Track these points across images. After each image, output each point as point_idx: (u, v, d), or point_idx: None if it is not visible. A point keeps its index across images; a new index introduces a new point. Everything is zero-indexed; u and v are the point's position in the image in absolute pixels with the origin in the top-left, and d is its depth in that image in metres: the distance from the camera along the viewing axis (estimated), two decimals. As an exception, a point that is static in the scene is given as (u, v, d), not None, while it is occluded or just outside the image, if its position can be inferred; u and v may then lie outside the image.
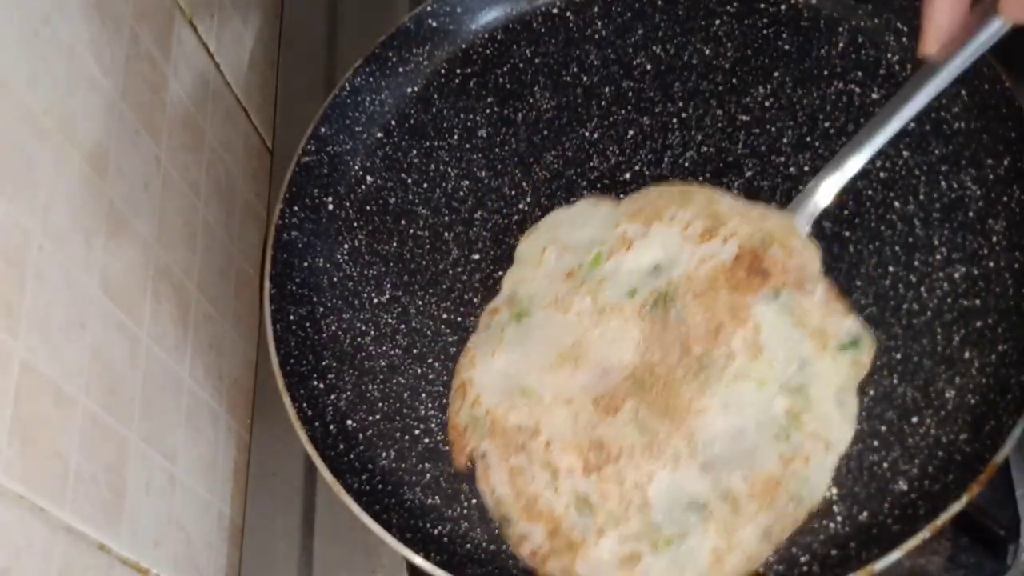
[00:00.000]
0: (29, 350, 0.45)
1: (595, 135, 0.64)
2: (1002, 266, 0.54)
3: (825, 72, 0.62)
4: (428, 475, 0.56)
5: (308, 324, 0.61)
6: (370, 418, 0.58)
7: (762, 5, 0.65)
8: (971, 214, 0.56)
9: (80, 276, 0.51)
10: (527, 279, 0.59)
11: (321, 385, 0.59)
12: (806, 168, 0.59)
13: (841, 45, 0.62)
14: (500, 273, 0.61)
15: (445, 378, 0.58)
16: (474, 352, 0.57)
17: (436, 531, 0.54)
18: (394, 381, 0.59)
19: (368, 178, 0.65)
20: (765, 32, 0.64)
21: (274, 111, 0.80)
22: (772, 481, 0.50)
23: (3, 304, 0.44)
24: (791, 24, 0.64)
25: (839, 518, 0.50)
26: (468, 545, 0.53)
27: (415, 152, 0.66)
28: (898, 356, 0.54)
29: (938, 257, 0.56)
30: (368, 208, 0.64)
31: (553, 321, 0.56)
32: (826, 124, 0.61)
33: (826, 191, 0.55)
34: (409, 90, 0.68)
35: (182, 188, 0.64)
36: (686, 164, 0.62)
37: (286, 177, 0.63)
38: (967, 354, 0.53)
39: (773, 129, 0.61)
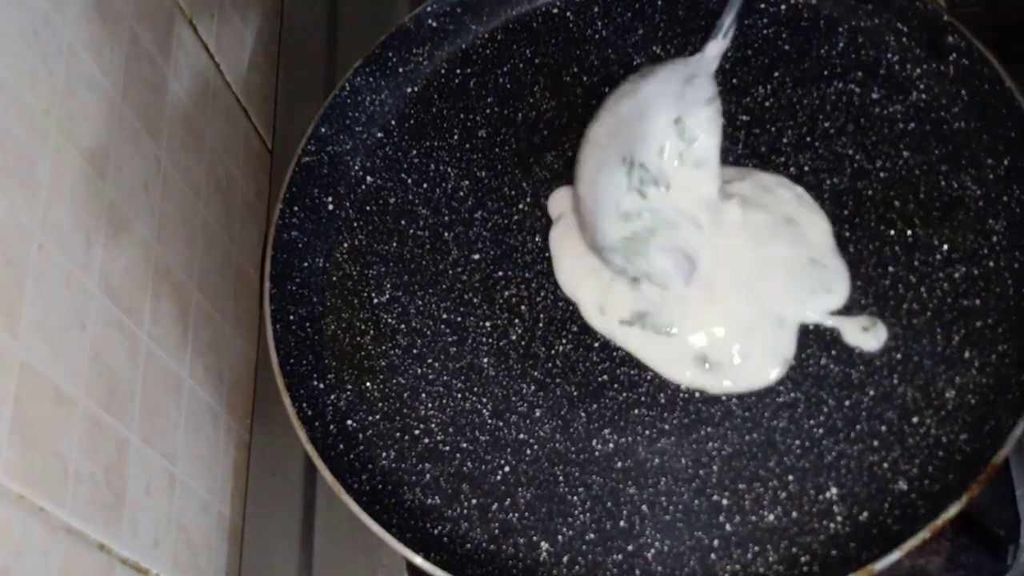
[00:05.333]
0: (29, 350, 0.45)
1: (595, 135, 0.64)
2: (1002, 266, 0.54)
3: (825, 72, 0.62)
4: (428, 475, 0.56)
5: (308, 324, 0.61)
6: (370, 418, 0.58)
7: (762, 5, 0.65)
8: (971, 214, 0.56)
9: (80, 276, 0.51)
10: None
11: (321, 385, 0.59)
12: (806, 168, 0.60)
13: (841, 45, 0.62)
14: (500, 273, 0.61)
15: (445, 378, 0.58)
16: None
17: (436, 531, 0.54)
18: (394, 381, 0.59)
19: (368, 178, 0.65)
20: (765, 32, 0.64)
21: (274, 111, 0.80)
22: None
23: (3, 304, 0.44)
24: (791, 24, 0.64)
25: (839, 518, 0.50)
26: (468, 545, 0.53)
27: (415, 152, 0.66)
28: (898, 356, 0.54)
29: (938, 257, 0.56)
30: (368, 208, 0.64)
31: None
32: (826, 124, 0.61)
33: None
34: (409, 90, 0.68)
35: (182, 188, 0.64)
36: (686, 164, 0.61)
37: (286, 177, 0.63)
38: (967, 354, 0.53)
39: (773, 129, 0.61)
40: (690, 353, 0.55)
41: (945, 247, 0.56)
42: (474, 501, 0.55)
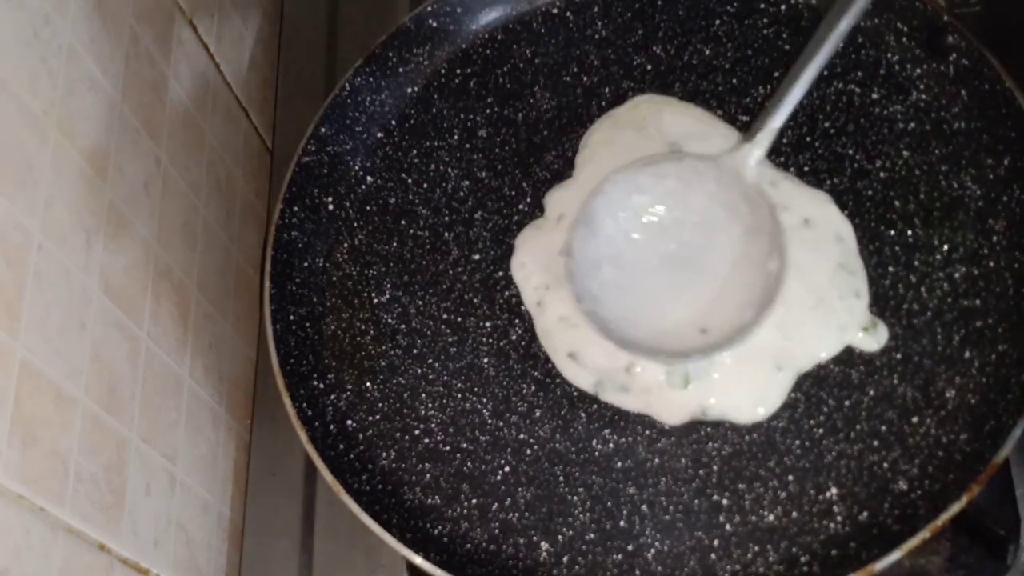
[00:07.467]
0: (29, 350, 0.45)
1: (595, 135, 0.64)
2: (1002, 266, 0.54)
3: (825, 72, 0.62)
4: (428, 475, 0.56)
5: (308, 324, 0.61)
6: (370, 418, 0.58)
7: (762, 5, 0.65)
8: (971, 214, 0.56)
9: (80, 276, 0.51)
10: None
11: (321, 385, 0.59)
12: (806, 168, 0.60)
13: (841, 45, 0.62)
14: (500, 273, 0.61)
15: (445, 378, 0.58)
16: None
17: (436, 531, 0.54)
18: (394, 381, 0.59)
19: (368, 178, 0.65)
20: (765, 32, 0.64)
21: (274, 111, 0.80)
22: None
23: (3, 304, 0.44)
24: (791, 24, 0.64)
25: (839, 518, 0.50)
26: (468, 545, 0.53)
27: (415, 152, 0.66)
28: (898, 356, 0.54)
29: (938, 257, 0.56)
30: (368, 208, 0.64)
31: None
32: (826, 124, 0.61)
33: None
34: (409, 90, 0.68)
35: (182, 188, 0.64)
36: (686, 164, 0.61)
37: (286, 177, 0.63)
38: (967, 354, 0.53)
39: (773, 129, 0.61)
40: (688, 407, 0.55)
41: (945, 247, 0.56)
42: (474, 501, 0.55)
